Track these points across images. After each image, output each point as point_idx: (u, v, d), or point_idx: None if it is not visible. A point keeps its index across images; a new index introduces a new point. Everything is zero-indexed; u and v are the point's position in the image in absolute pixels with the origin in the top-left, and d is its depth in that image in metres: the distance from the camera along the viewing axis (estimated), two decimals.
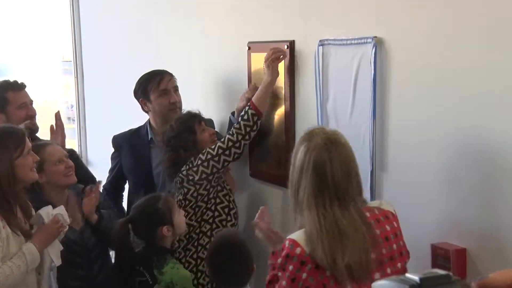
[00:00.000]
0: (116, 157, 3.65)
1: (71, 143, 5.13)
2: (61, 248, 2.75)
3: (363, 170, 2.57)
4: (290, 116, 3.09)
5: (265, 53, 3.08)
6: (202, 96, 3.85)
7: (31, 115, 3.39)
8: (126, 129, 3.67)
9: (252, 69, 3.35)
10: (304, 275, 2.00)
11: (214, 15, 3.68)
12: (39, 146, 2.98)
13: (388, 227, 2.10)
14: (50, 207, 2.76)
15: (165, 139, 3.18)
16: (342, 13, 2.73)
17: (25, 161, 2.66)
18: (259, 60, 3.27)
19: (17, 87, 3.40)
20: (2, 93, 3.35)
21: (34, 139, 3.26)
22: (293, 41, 3.03)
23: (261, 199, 3.28)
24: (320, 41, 2.78)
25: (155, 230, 2.82)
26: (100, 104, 5.27)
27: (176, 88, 3.48)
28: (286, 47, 3.05)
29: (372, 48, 2.50)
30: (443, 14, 2.26)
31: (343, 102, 2.71)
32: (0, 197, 2.58)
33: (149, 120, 3.56)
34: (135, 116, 3.72)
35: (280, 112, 3.18)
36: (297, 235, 2.05)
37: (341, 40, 2.68)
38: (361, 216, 2.06)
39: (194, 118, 3.20)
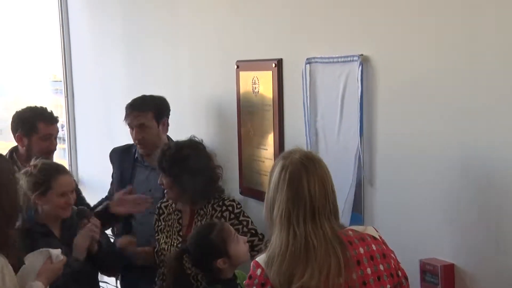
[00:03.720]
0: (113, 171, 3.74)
1: (62, 162, 5.13)
2: None
3: (350, 186, 2.59)
4: (279, 133, 3.11)
5: (253, 72, 3.10)
6: (191, 114, 3.86)
7: (52, 150, 3.43)
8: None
9: (241, 88, 3.37)
10: None
11: (202, 34, 3.70)
12: (53, 169, 2.93)
13: (361, 250, 2.00)
14: (59, 250, 2.71)
15: (164, 163, 3.05)
16: (329, 31, 2.75)
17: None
18: (247, 79, 3.30)
19: (50, 120, 3.43)
20: (34, 121, 3.38)
21: None
22: (281, 59, 3.05)
23: (251, 216, 3.28)
24: (307, 59, 2.81)
25: (210, 263, 2.62)
26: (91, 124, 5.27)
27: (140, 126, 3.44)
28: (274, 65, 3.07)
29: (359, 66, 2.52)
30: (429, 31, 2.28)
31: (331, 119, 2.73)
32: None
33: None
34: (125, 133, 3.73)
35: (269, 130, 3.19)
36: (262, 256, 2.01)
37: (328, 58, 2.70)
38: (335, 235, 1.98)
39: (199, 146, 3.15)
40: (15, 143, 3.52)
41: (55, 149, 3.48)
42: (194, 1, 3.77)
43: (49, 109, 3.53)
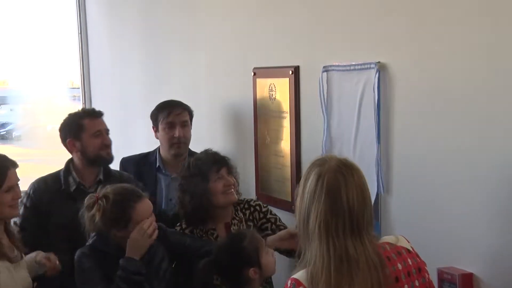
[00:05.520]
0: None
1: None
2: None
3: None
4: (295, 141, 3.11)
5: (270, 79, 3.08)
6: (208, 121, 3.87)
7: (106, 144, 3.27)
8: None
9: (258, 95, 3.38)
10: None
11: (220, 40, 3.72)
12: (129, 197, 2.65)
13: (399, 266, 1.92)
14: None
15: (180, 175, 2.97)
16: (346, 39, 2.75)
17: (1, 198, 2.64)
18: (264, 86, 3.30)
19: (94, 115, 3.34)
20: (78, 120, 3.28)
21: (108, 169, 3.26)
22: (298, 66, 3.06)
23: None
24: (324, 66, 2.81)
25: (241, 272, 2.54)
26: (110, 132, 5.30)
27: (184, 123, 3.46)
28: (290, 72, 3.08)
29: (376, 73, 2.52)
30: (449, 38, 2.27)
31: (347, 127, 2.72)
32: None
33: (159, 148, 3.58)
34: (147, 143, 3.74)
35: (285, 137, 3.19)
36: (300, 274, 1.88)
37: (345, 66, 2.70)
38: (375, 250, 1.88)
39: (212, 164, 2.88)
40: (32, 150, 3.52)
41: (110, 143, 3.30)
42: (212, 8, 3.79)
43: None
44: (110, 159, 3.30)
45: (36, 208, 3.16)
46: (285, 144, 3.20)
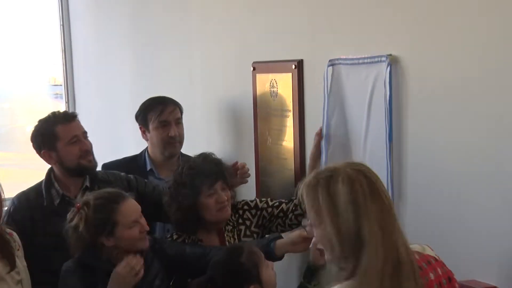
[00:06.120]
0: None
1: None
2: None
3: None
4: (299, 141, 3.12)
5: (271, 74, 3.09)
6: (204, 120, 3.88)
7: (86, 150, 3.17)
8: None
9: (258, 91, 3.39)
10: None
11: (216, 32, 3.73)
12: (111, 200, 2.69)
13: (432, 275, 1.95)
14: None
15: (172, 181, 2.97)
16: (354, 30, 2.76)
17: None
18: (265, 81, 3.31)
19: (66, 119, 3.22)
20: (51, 129, 3.18)
21: (94, 177, 3.18)
22: (301, 60, 3.06)
23: None
24: (330, 61, 2.81)
25: None
26: (94, 133, 5.29)
27: (178, 121, 3.50)
28: (293, 66, 3.08)
29: (387, 67, 2.52)
30: (467, 29, 2.28)
31: (356, 126, 2.73)
32: None
33: (147, 149, 3.59)
34: (136, 145, 3.74)
35: (288, 137, 3.20)
36: (348, 284, 1.85)
37: (352, 59, 2.71)
38: (411, 255, 1.88)
39: (205, 177, 2.87)
40: (9, 153, 3.47)
41: (90, 148, 3.21)
42: None
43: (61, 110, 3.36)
44: (93, 166, 3.22)
45: (18, 230, 2.95)
46: (288, 146, 3.20)
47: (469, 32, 2.26)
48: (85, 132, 3.25)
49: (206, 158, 2.95)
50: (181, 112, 3.54)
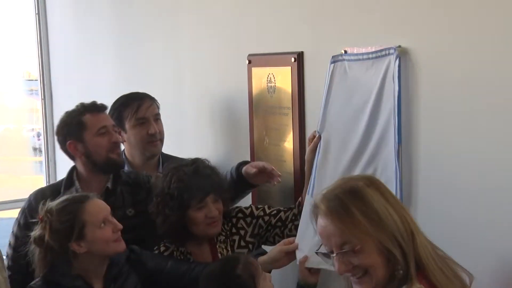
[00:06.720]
0: None
1: (38, 178, 5.15)
2: None
3: None
4: (299, 141, 3.13)
5: (269, 67, 3.09)
6: (193, 119, 3.88)
7: (115, 142, 3.20)
8: None
9: (254, 87, 3.39)
10: None
11: (206, 23, 3.73)
12: (76, 201, 2.71)
13: None
14: None
15: (159, 189, 2.94)
16: (358, 18, 2.77)
17: None
18: (261, 76, 3.32)
19: (95, 108, 3.24)
20: (78, 118, 3.20)
21: (118, 178, 3.20)
22: (302, 52, 3.07)
23: None
24: (332, 57, 2.79)
25: None
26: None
27: (157, 116, 3.53)
28: (293, 59, 3.09)
29: (395, 60, 2.53)
30: (481, 15, 2.28)
31: (360, 127, 2.72)
32: None
33: (124, 152, 3.58)
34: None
35: (287, 137, 3.21)
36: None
37: (357, 54, 2.70)
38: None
39: (195, 191, 2.86)
40: None
41: (118, 141, 3.24)
42: None
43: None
44: (122, 161, 3.28)
45: (29, 229, 2.92)
46: (287, 147, 3.21)
47: (489, 22, 2.26)
48: (115, 126, 3.28)
49: (197, 171, 2.92)
50: (158, 108, 3.56)
